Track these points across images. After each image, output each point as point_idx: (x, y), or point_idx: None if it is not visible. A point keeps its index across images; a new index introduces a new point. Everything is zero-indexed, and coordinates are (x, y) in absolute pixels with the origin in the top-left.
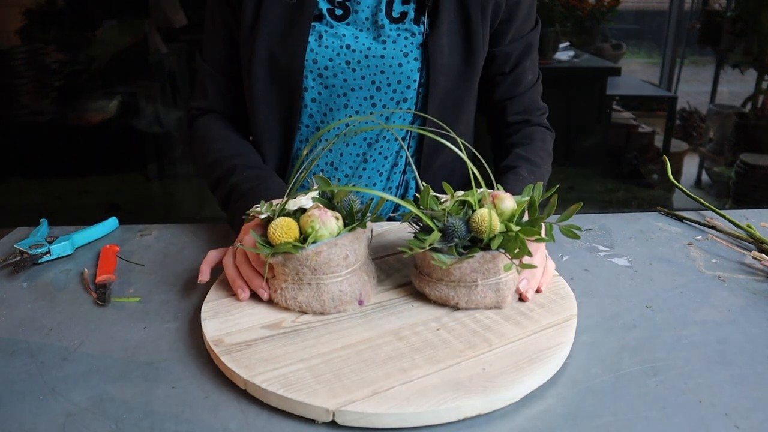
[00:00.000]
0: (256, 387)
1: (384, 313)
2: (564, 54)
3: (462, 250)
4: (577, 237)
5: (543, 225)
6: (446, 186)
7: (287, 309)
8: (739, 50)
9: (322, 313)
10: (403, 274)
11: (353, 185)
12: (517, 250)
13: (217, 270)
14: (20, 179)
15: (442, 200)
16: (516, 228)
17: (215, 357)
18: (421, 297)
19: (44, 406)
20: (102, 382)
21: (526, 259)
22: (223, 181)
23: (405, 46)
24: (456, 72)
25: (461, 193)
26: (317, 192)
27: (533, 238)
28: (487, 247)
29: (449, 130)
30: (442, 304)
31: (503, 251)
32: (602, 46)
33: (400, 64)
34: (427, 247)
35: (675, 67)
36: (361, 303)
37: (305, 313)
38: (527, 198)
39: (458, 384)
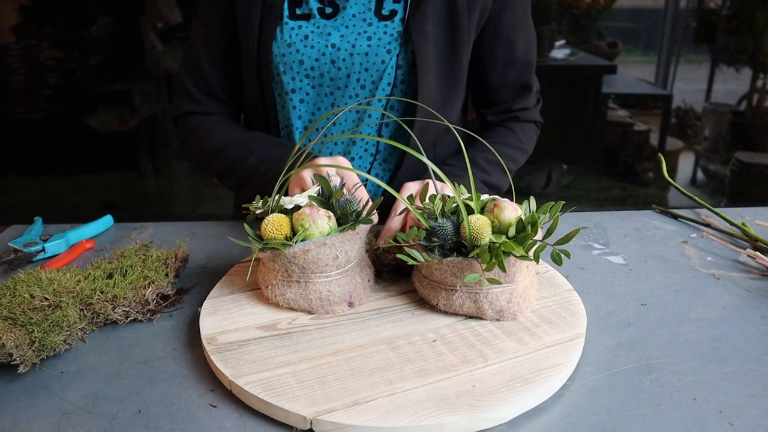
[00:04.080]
0: (240, 388)
1: (382, 320)
2: (560, 52)
3: (447, 252)
4: (560, 263)
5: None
6: (455, 186)
7: (285, 310)
8: (734, 48)
9: (309, 312)
10: (409, 280)
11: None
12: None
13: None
14: (15, 177)
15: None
16: (501, 240)
17: (206, 355)
18: (424, 305)
19: (39, 404)
20: (97, 380)
21: None
22: (241, 160)
23: (389, 42)
24: (441, 66)
25: (466, 195)
26: (315, 190)
27: (518, 255)
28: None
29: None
30: (431, 305)
31: (479, 261)
32: (598, 44)
33: (383, 61)
34: (411, 241)
35: (670, 66)
36: (351, 305)
37: (294, 310)
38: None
39: (443, 400)
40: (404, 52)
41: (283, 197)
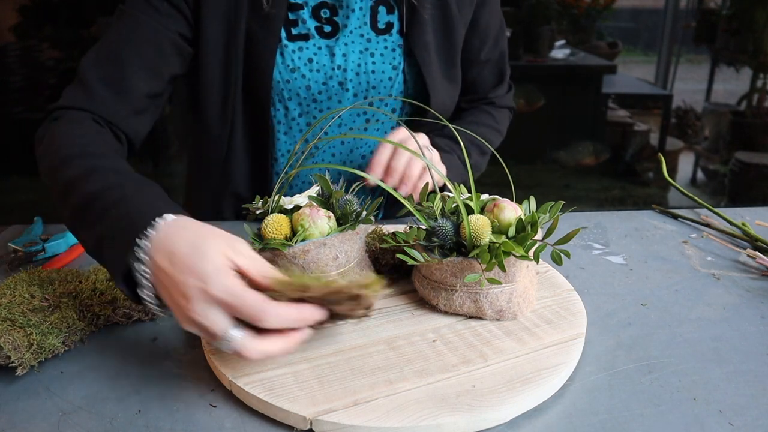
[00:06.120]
0: (240, 389)
1: (382, 320)
2: (560, 52)
3: (447, 252)
4: (560, 263)
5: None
6: (455, 186)
7: None
8: (734, 48)
9: None
10: (409, 280)
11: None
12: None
13: None
14: (15, 177)
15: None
16: (501, 240)
17: (206, 355)
18: (424, 305)
19: (38, 404)
20: (97, 380)
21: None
22: (79, 183)
23: (393, 58)
24: (442, 71)
25: (466, 195)
26: (315, 190)
27: (518, 255)
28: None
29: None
30: (431, 305)
31: (479, 261)
32: (598, 45)
33: (390, 78)
34: (411, 242)
35: (670, 66)
36: None
37: None
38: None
39: (443, 400)
40: (407, 65)
41: (283, 197)
